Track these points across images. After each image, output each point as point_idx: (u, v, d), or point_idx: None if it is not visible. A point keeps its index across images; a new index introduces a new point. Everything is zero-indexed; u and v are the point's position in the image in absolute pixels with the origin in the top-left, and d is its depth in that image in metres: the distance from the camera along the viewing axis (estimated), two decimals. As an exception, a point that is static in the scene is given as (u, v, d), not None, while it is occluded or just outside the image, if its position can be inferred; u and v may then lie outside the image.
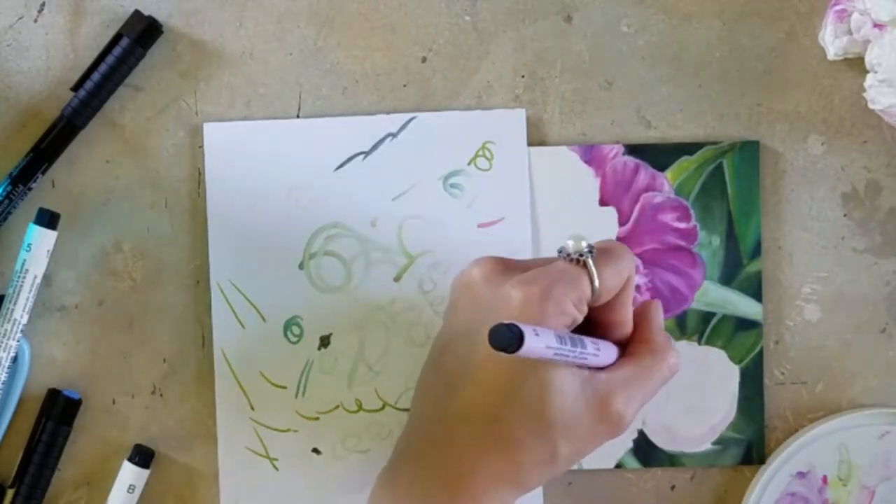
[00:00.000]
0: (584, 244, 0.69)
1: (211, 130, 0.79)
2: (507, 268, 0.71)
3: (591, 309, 0.70)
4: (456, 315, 0.72)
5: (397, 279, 0.79)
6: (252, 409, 0.79)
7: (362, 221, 0.79)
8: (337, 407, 0.80)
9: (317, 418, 0.80)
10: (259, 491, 0.80)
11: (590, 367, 0.69)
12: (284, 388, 0.80)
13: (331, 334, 0.79)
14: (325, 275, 0.79)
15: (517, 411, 0.67)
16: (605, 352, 0.70)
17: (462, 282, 0.72)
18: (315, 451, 0.80)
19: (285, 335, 0.79)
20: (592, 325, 0.71)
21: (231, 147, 0.79)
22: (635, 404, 0.70)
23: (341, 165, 0.79)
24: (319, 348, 0.79)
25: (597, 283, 0.69)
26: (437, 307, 0.79)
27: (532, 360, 0.66)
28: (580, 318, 0.69)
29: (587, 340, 0.69)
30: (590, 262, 0.69)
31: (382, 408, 0.80)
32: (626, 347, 0.72)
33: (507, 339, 0.60)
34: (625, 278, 0.71)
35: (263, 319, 0.79)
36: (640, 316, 0.73)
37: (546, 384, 0.67)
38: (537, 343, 0.62)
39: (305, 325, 0.79)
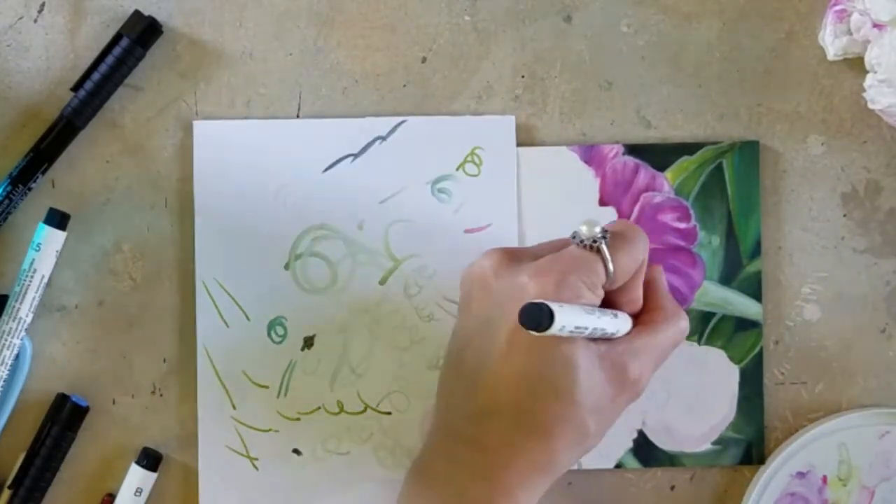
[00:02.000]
0: (597, 229, 0.69)
1: (201, 129, 0.79)
2: (517, 257, 0.71)
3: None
4: (469, 310, 0.72)
5: (383, 282, 0.79)
6: (234, 407, 0.79)
7: (349, 224, 0.79)
8: (318, 408, 0.79)
9: (298, 419, 0.80)
10: (238, 490, 0.79)
11: (606, 339, 0.69)
12: (267, 387, 0.80)
13: (315, 335, 0.79)
14: (310, 276, 0.79)
15: (546, 397, 0.67)
16: (622, 322, 0.71)
17: (473, 275, 0.72)
18: (295, 451, 0.80)
19: (269, 335, 0.79)
20: (604, 301, 0.71)
21: (220, 145, 0.79)
22: (650, 369, 0.71)
23: (330, 167, 0.79)
24: (303, 349, 0.79)
25: (611, 267, 0.69)
26: (422, 311, 0.79)
27: (553, 342, 0.66)
28: (597, 302, 0.69)
29: (607, 312, 0.69)
30: (604, 247, 0.69)
31: (364, 410, 0.79)
32: (637, 316, 0.72)
33: (538, 316, 0.61)
34: (639, 261, 0.71)
35: (248, 318, 0.79)
36: (647, 284, 0.73)
37: (570, 363, 0.67)
38: (567, 319, 0.63)
39: (290, 325, 0.79)
